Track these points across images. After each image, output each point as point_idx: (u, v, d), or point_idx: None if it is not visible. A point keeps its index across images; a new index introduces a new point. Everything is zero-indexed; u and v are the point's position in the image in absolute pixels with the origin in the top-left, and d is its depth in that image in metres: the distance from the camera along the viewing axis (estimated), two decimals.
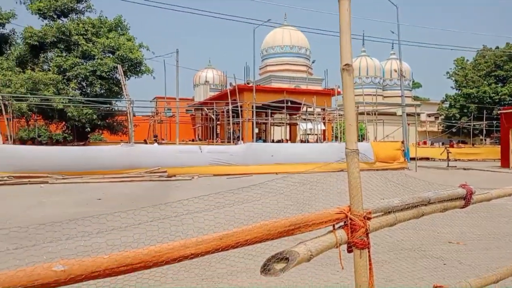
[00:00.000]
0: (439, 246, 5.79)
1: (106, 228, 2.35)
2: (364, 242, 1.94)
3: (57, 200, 9.72)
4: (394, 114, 34.62)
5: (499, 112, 23.48)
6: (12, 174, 12.99)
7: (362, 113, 23.62)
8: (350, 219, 1.95)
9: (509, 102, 36.94)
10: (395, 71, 36.93)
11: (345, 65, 2.10)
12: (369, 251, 1.98)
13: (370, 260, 1.99)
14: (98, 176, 13.57)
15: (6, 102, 18.08)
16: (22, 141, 20.94)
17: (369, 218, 2.01)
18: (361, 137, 26.70)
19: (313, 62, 42.85)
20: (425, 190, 2.75)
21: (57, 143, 22.72)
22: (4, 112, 16.45)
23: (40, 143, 21.93)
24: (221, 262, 4.56)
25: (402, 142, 22.05)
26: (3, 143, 15.59)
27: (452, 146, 30.10)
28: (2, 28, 25.19)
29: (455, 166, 20.77)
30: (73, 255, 1.33)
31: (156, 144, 22.02)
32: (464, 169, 19.84)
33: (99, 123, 23.86)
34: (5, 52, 24.76)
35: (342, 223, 2.00)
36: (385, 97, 45.60)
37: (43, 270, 1.24)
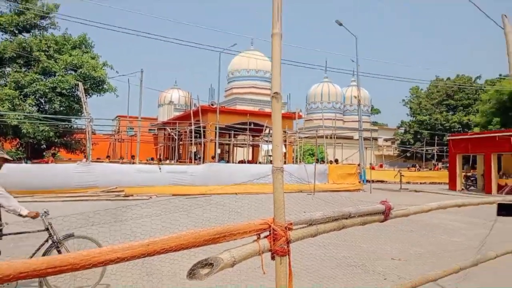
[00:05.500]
0: (382, 262, 6.20)
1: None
2: (284, 250, 2.16)
3: None
4: (352, 138, 35.83)
5: (448, 138, 24.97)
6: None
7: (321, 137, 24.32)
8: (273, 229, 2.18)
9: (459, 129, 39.32)
10: (355, 97, 38.42)
11: (275, 93, 2.36)
12: (289, 259, 2.20)
13: (290, 267, 2.20)
14: (51, 195, 13.16)
15: None
16: None
17: (290, 229, 2.23)
18: (321, 160, 27.44)
19: None
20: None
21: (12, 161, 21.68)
22: None
23: None
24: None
25: (359, 165, 22.86)
26: None
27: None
28: None
29: (407, 189, 21.73)
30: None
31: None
32: (416, 191, 20.83)
33: (56, 140, 23.16)
34: None
35: (267, 233, 2.22)
36: (345, 121, 47.16)
37: None
